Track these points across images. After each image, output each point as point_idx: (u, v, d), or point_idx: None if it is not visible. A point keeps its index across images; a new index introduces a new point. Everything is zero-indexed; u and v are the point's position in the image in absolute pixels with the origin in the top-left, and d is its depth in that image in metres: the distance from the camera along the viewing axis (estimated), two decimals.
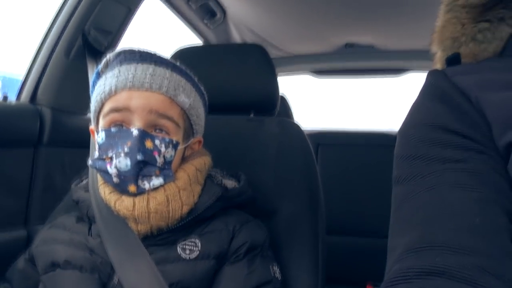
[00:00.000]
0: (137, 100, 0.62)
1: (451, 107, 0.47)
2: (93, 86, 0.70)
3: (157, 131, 0.64)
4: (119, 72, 0.64)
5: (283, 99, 2.01)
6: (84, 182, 0.75)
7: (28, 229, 1.02)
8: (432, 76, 0.57)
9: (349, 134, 2.01)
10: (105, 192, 0.65)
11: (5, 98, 0.97)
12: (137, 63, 0.64)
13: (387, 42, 1.92)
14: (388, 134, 1.87)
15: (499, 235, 0.35)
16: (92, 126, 0.70)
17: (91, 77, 1.11)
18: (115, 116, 0.62)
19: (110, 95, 0.63)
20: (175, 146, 0.64)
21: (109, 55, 0.68)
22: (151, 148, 0.61)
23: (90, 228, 0.67)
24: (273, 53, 2.07)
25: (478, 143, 0.42)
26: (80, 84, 1.11)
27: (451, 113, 0.47)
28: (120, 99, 0.62)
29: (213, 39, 1.74)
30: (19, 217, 1.01)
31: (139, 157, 0.59)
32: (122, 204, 0.62)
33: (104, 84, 0.65)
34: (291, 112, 2.04)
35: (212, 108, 0.78)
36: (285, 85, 2.62)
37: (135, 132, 0.60)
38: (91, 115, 0.69)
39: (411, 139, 0.48)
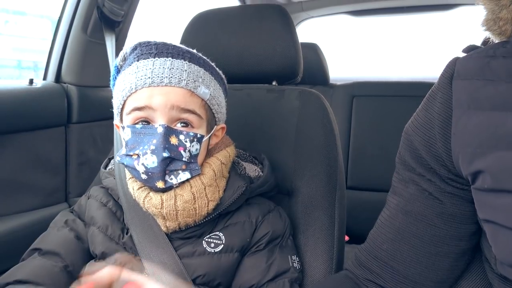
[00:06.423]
0: (158, 97, 0.62)
1: (426, 133, 0.50)
2: (114, 79, 0.70)
3: (182, 125, 0.64)
4: (137, 68, 0.63)
5: (316, 48, 1.90)
6: (111, 166, 0.78)
7: (69, 202, 1.10)
8: (444, 72, 0.51)
9: (386, 84, 1.87)
10: (134, 188, 0.67)
11: (31, 81, 1.00)
12: (154, 57, 0.63)
13: None
14: (427, 83, 1.73)
15: None
16: (116, 121, 0.71)
17: (110, 49, 1.11)
18: (138, 114, 0.63)
19: (131, 92, 0.63)
20: (199, 140, 0.64)
21: (126, 49, 0.67)
22: (176, 144, 0.62)
23: (123, 220, 0.69)
24: None
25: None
26: (100, 58, 1.12)
27: (422, 140, 0.51)
28: (141, 98, 0.62)
29: None
30: (59, 192, 1.09)
31: (165, 154, 0.60)
32: (151, 201, 0.64)
33: (124, 81, 0.65)
34: (325, 62, 1.94)
35: (232, 78, 0.74)
36: (319, 30, 2.46)
37: (159, 129, 0.61)
38: (114, 110, 0.69)
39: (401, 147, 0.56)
